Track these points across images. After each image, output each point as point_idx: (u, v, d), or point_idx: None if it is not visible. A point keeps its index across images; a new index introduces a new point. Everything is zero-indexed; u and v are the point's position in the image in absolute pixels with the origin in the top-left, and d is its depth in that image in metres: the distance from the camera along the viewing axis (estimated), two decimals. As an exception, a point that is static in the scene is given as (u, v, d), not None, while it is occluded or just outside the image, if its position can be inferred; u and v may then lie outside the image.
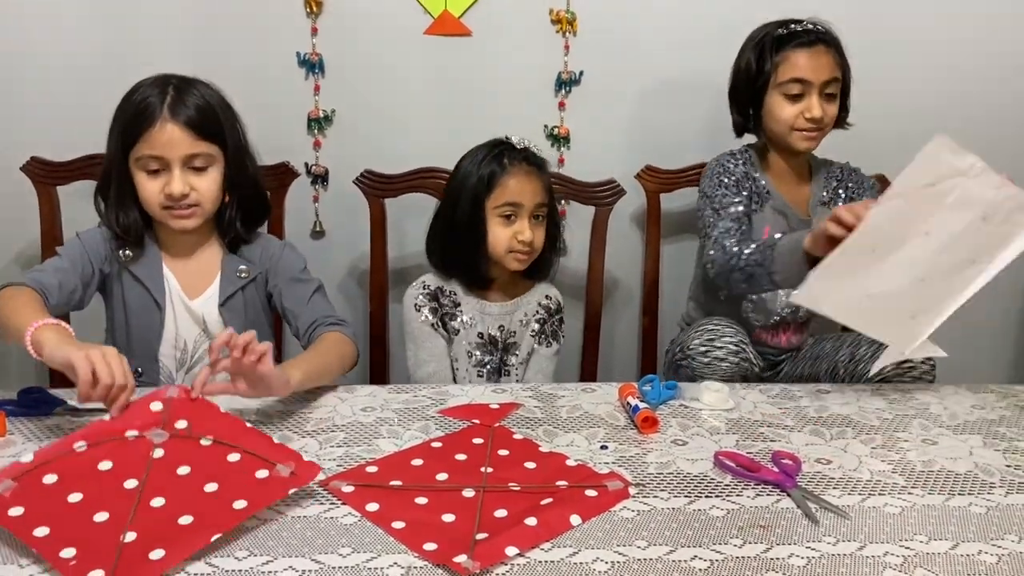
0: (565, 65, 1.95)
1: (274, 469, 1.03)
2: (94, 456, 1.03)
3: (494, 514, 0.99)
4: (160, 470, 1.02)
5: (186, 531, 0.94)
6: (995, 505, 1.07)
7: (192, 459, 1.04)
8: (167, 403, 1.09)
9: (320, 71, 1.91)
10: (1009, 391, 1.44)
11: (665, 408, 1.32)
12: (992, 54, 2.01)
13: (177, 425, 1.08)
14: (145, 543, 0.92)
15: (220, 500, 0.99)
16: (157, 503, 0.98)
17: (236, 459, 1.05)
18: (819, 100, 1.62)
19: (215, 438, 1.08)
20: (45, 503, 0.96)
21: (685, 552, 0.94)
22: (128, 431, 1.06)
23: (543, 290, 1.71)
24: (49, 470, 1.00)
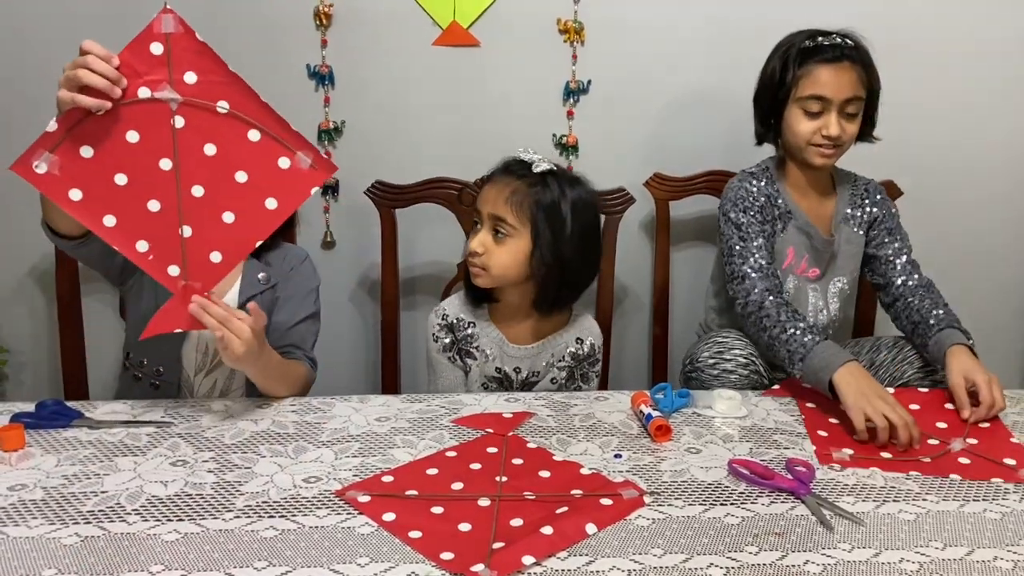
0: (573, 74, 1.96)
1: (295, 158, 1.13)
2: (118, 123, 1.09)
3: (510, 523, 1.00)
4: (188, 148, 1.11)
5: (233, 233, 1.16)
6: (1010, 511, 1.07)
7: (214, 134, 1.12)
8: (166, 42, 1.09)
9: (330, 83, 1.93)
10: (1021, 396, 1.44)
11: (678, 416, 1.33)
12: (995, 54, 2.02)
13: (187, 80, 1.10)
14: (202, 242, 1.14)
15: (253, 196, 1.16)
16: (198, 192, 1.12)
17: (257, 139, 1.13)
18: (838, 118, 1.57)
19: (230, 105, 1.12)
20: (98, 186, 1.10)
21: (701, 560, 0.94)
22: (139, 89, 1.10)
23: (576, 332, 1.56)
24: (82, 141, 1.08)
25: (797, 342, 1.43)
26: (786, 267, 1.68)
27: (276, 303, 1.52)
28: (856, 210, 1.72)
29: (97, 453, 1.16)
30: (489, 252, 1.45)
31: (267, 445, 1.20)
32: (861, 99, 1.59)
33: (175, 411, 1.30)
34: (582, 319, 1.60)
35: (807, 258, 1.69)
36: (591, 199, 1.51)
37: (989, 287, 2.15)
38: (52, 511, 1.01)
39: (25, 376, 2.04)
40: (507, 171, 1.48)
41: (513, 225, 1.44)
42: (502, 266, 1.45)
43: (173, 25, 1.10)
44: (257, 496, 1.05)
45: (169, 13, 1.10)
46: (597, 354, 1.59)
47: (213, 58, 1.13)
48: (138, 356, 1.51)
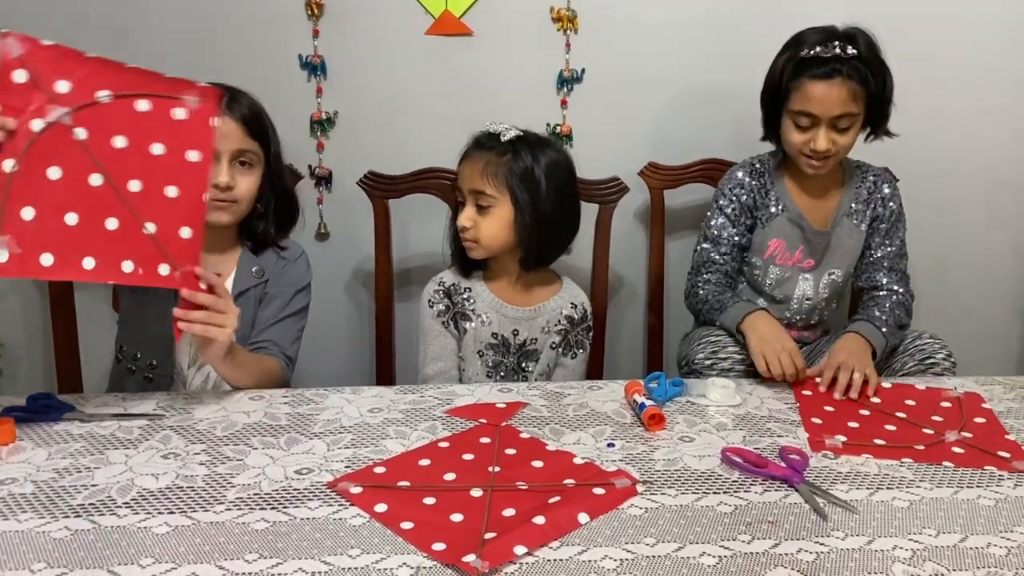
0: (567, 63, 1.95)
1: (184, 103, 1.12)
2: (35, 167, 1.07)
3: (502, 513, 1.00)
4: (103, 152, 1.09)
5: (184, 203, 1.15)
6: (1004, 497, 1.06)
7: (113, 125, 1.09)
8: (24, 64, 1.06)
9: (322, 73, 1.92)
10: (1016, 383, 1.43)
11: (672, 405, 1.32)
12: (993, 42, 2.01)
13: (59, 89, 1.07)
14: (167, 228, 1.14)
15: (176, 159, 1.14)
16: (136, 187, 1.10)
17: (148, 107, 1.11)
18: (828, 132, 1.57)
19: (110, 90, 1.10)
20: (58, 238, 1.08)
21: (694, 549, 0.94)
22: (31, 122, 1.07)
23: (568, 296, 1.65)
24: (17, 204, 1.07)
25: (720, 303, 1.63)
26: (767, 257, 1.72)
27: (265, 298, 1.51)
28: (861, 204, 1.72)
29: (88, 446, 1.15)
30: (476, 225, 1.54)
31: (259, 437, 1.19)
32: (853, 114, 1.57)
33: (167, 404, 1.29)
34: (572, 286, 1.69)
35: (801, 248, 1.72)
36: (561, 157, 1.59)
37: (984, 274, 2.15)
38: (42, 504, 1.00)
39: (19, 370, 2.04)
40: (479, 146, 1.56)
41: (493, 195, 1.52)
42: (490, 236, 1.54)
43: (18, 46, 1.05)
44: (248, 488, 1.05)
45: (9, 36, 1.05)
46: (589, 319, 1.67)
47: (69, 54, 1.09)
48: (131, 349, 1.50)
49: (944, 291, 2.14)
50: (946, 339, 1.64)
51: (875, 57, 1.58)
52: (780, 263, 1.72)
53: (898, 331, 1.61)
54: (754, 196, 1.71)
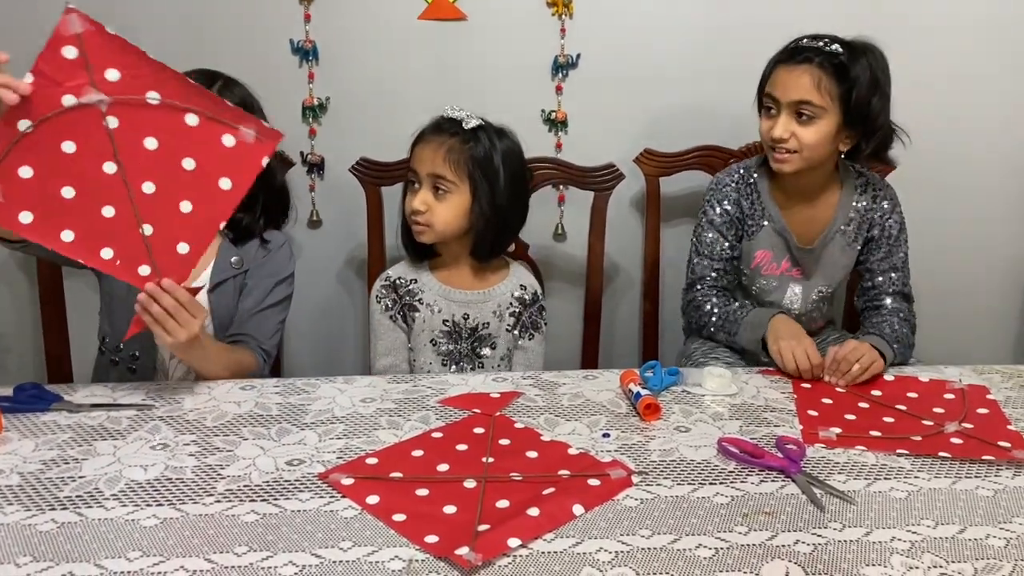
0: (562, 48, 1.93)
1: (239, 133, 1.09)
2: (50, 137, 1.05)
3: (496, 505, 0.98)
4: (128, 147, 1.07)
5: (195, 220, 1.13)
6: (1002, 488, 1.05)
7: (151, 127, 1.08)
8: (79, 44, 1.04)
9: (314, 58, 1.89)
10: (1014, 371, 1.43)
11: (667, 394, 1.31)
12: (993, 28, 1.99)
13: (108, 77, 1.06)
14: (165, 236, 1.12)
15: (205, 180, 1.12)
16: (149, 189, 1.09)
17: (196, 123, 1.09)
18: (787, 119, 1.54)
19: (160, 93, 1.08)
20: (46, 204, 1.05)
21: (690, 540, 0.93)
22: (63, 97, 1.06)
23: (517, 279, 1.64)
24: (18, 163, 1.04)
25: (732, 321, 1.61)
26: (754, 267, 1.70)
27: (245, 288, 1.50)
28: (856, 221, 1.66)
29: (76, 437, 1.14)
30: (432, 209, 1.52)
31: (249, 428, 1.18)
32: (815, 105, 1.52)
33: (156, 394, 1.28)
34: (520, 269, 1.69)
35: (788, 258, 1.69)
36: (517, 148, 1.60)
37: (980, 262, 2.14)
38: (28, 497, 0.99)
39: (9, 360, 2.02)
40: (439, 130, 1.54)
41: (453, 181, 1.51)
42: (444, 221, 1.53)
43: (80, 24, 1.05)
44: (239, 480, 1.04)
45: (73, 13, 1.04)
46: (541, 300, 1.67)
47: (131, 50, 1.09)
48: (114, 341, 1.49)
49: (940, 279, 2.13)
50: (943, 327, 1.63)
51: (865, 64, 1.53)
52: (767, 273, 1.70)
53: (907, 349, 1.57)
54: (741, 208, 1.68)
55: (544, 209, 2.00)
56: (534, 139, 1.94)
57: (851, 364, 1.38)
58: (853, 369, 1.38)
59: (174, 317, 1.22)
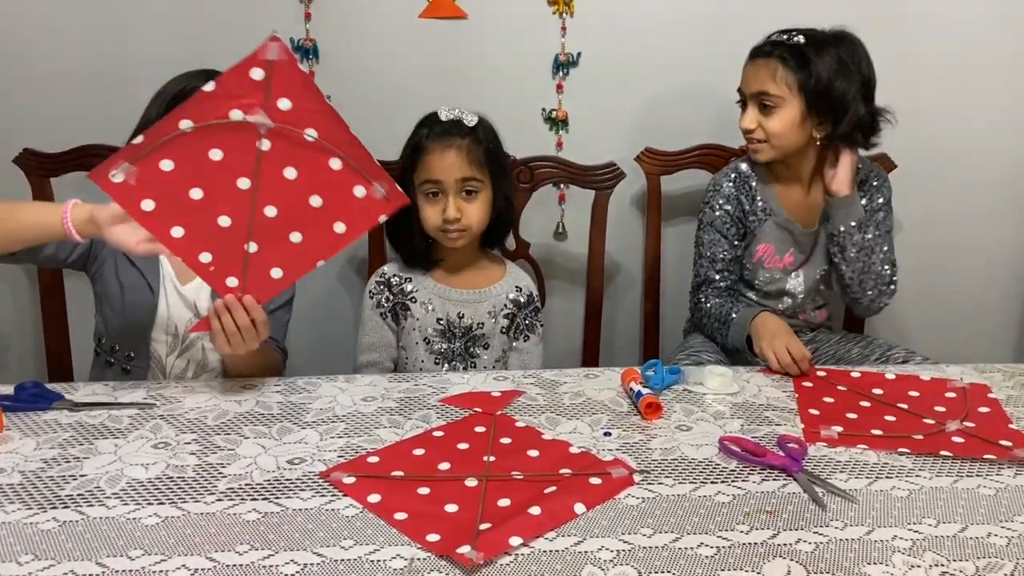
0: (563, 47, 1.93)
1: (371, 188, 1.14)
2: (203, 141, 1.09)
3: (497, 504, 0.98)
4: (269, 169, 1.12)
5: (298, 252, 1.17)
6: (1004, 487, 1.05)
7: (297, 159, 1.13)
8: (268, 69, 1.08)
9: (314, 57, 1.89)
10: (1016, 370, 1.42)
11: (669, 393, 1.31)
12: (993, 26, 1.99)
13: (280, 106, 1.10)
14: (266, 257, 1.17)
15: (324, 219, 1.17)
16: (270, 212, 1.13)
17: (338, 167, 1.13)
18: (752, 111, 1.63)
19: (319, 133, 1.12)
20: (171, 198, 1.09)
21: (691, 539, 0.93)
22: (232, 111, 1.09)
23: (513, 280, 1.65)
24: (163, 154, 1.08)
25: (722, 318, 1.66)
26: (756, 261, 1.73)
27: None
28: None
29: (77, 436, 1.14)
30: (465, 214, 1.53)
31: (251, 426, 1.18)
32: (773, 95, 1.60)
33: (157, 393, 1.28)
34: (517, 270, 1.69)
35: (791, 251, 1.73)
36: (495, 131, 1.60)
37: (981, 261, 2.14)
38: (30, 495, 0.99)
39: (9, 359, 2.02)
40: (448, 134, 1.53)
41: (480, 180, 1.54)
42: (479, 221, 1.55)
43: (277, 53, 1.09)
44: (240, 478, 1.04)
45: (276, 41, 1.09)
46: (536, 301, 1.67)
47: (311, 88, 1.13)
48: (109, 342, 1.49)
49: (942, 278, 2.13)
50: (943, 326, 1.64)
51: (829, 52, 1.57)
52: (769, 266, 1.73)
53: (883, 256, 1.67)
54: (742, 206, 1.72)
55: (545, 208, 2.00)
56: (535, 138, 1.95)
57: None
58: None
59: (242, 333, 1.23)
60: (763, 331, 1.53)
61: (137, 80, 1.49)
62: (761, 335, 1.52)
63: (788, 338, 1.47)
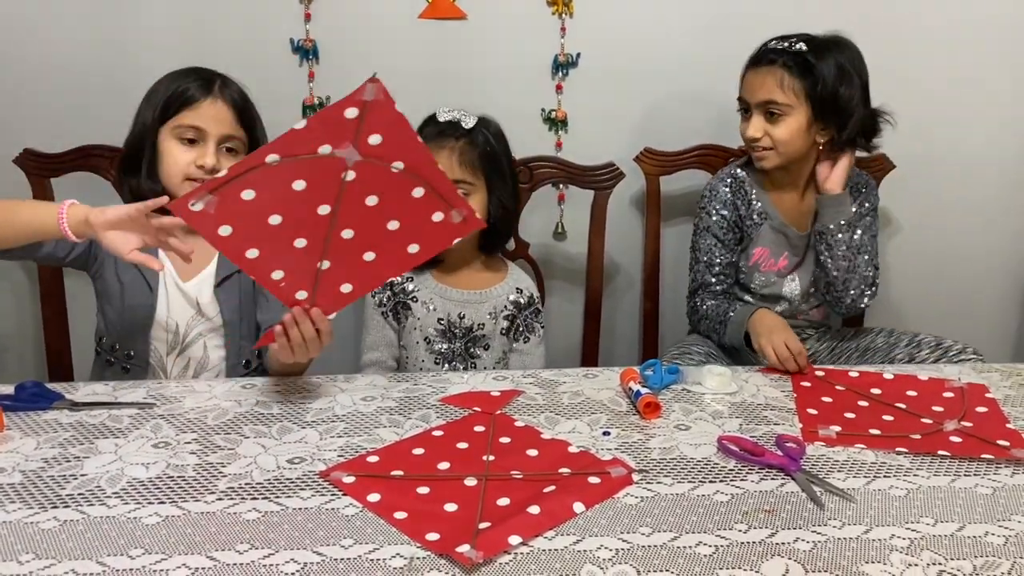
0: (562, 47, 1.93)
1: (449, 213, 1.16)
2: (288, 172, 1.08)
3: (497, 503, 0.99)
4: (351, 197, 1.11)
5: (369, 269, 1.18)
6: (1001, 486, 1.06)
7: (380, 187, 1.13)
8: (363, 108, 1.07)
9: (314, 57, 1.89)
10: (1013, 370, 1.43)
11: (667, 393, 1.31)
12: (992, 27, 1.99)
13: (371, 141, 1.09)
14: (337, 274, 1.17)
15: (399, 241, 1.17)
16: (347, 235, 1.15)
17: (420, 195, 1.13)
18: (757, 119, 1.63)
19: (405, 164, 1.12)
20: (249, 224, 1.09)
21: (690, 538, 0.93)
22: (321, 147, 1.08)
23: (515, 282, 1.65)
24: (245, 185, 1.07)
25: (719, 319, 1.67)
26: (752, 264, 1.75)
27: (259, 285, 1.50)
28: None
29: (77, 436, 1.14)
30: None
31: (251, 426, 1.18)
32: (780, 103, 1.60)
33: (158, 392, 1.28)
34: (518, 272, 1.70)
35: (786, 255, 1.74)
36: (502, 132, 1.62)
37: (979, 261, 2.14)
38: (30, 495, 0.99)
39: (10, 359, 2.03)
40: (443, 136, 1.54)
41: (472, 183, 1.54)
42: None
43: (373, 94, 1.08)
44: (240, 478, 1.04)
45: (375, 83, 1.08)
46: (537, 303, 1.68)
47: (403, 125, 1.11)
48: (109, 341, 1.50)
49: (940, 278, 2.14)
50: (940, 326, 1.64)
51: (831, 59, 1.58)
52: (765, 270, 1.75)
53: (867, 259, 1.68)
54: (738, 211, 1.73)
55: (544, 208, 2.00)
56: (534, 138, 1.95)
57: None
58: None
59: (307, 343, 1.23)
60: (761, 327, 1.54)
61: (137, 80, 1.49)
62: (759, 331, 1.53)
63: (786, 334, 1.48)
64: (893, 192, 1.95)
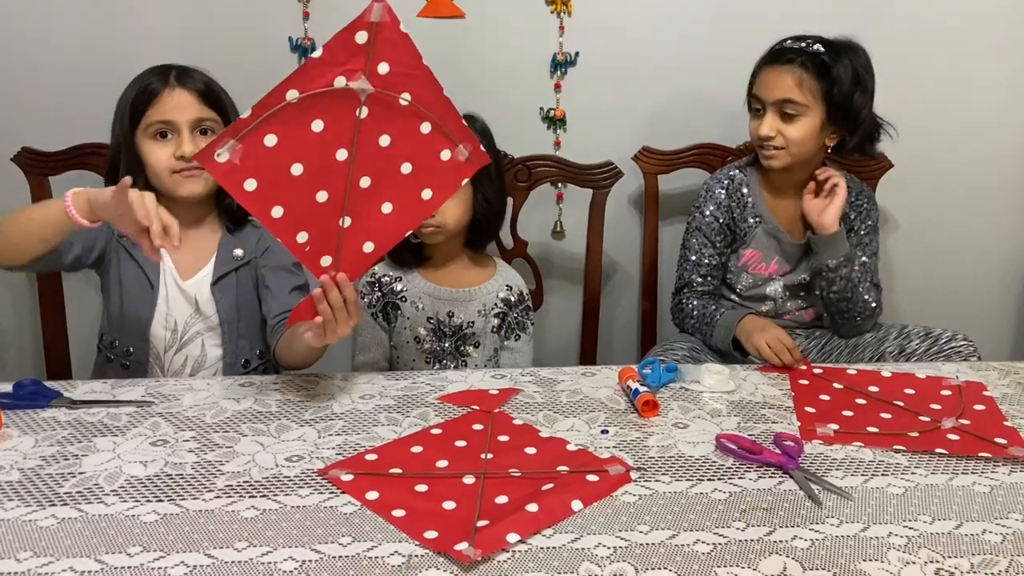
0: (560, 46, 1.93)
1: (455, 150, 1.15)
2: (306, 112, 1.07)
3: (495, 501, 0.99)
4: (366, 138, 1.11)
5: (388, 223, 1.17)
6: (999, 484, 1.06)
7: (391, 125, 1.12)
8: (371, 31, 1.06)
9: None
10: (1011, 368, 1.43)
11: (666, 391, 1.32)
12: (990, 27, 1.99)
13: (380, 70, 1.08)
14: (359, 231, 1.16)
15: (412, 187, 1.17)
16: (365, 183, 1.14)
17: (427, 131, 1.14)
18: (772, 118, 1.61)
19: (412, 96, 1.11)
20: (273, 176, 1.08)
21: (688, 536, 0.93)
22: (336, 78, 1.06)
23: (504, 280, 1.65)
24: (267, 129, 1.06)
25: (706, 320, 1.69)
26: (741, 265, 1.74)
27: (261, 280, 1.50)
28: None
29: (76, 434, 1.14)
30: (441, 211, 1.49)
31: (249, 424, 1.18)
32: (798, 103, 1.59)
33: (156, 390, 1.28)
34: (507, 270, 1.69)
35: (776, 260, 1.74)
36: (487, 128, 1.61)
37: (977, 260, 2.14)
38: (29, 493, 0.99)
39: (8, 357, 2.02)
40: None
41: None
42: (456, 219, 1.54)
43: (380, 15, 1.06)
44: (238, 476, 1.04)
45: (381, 3, 1.06)
46: (527, 300, 1.67)
47: (409, 48, 1.10)
48: (109, 337, 1.50)
49: (938, 277, 2.14)
50: (940, 324, 1.64)
51: (847, 63, 1.58)
52: (753, 272, 1.74)
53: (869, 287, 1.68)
54: (732, 214, 1.73)
55: (543, 207, 2.00)
56: (533, 137, 1.95)
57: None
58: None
59: (337, 318, 1.18)
60: (752, 328, 1.56)
61: (136, 79, 1.49)
62: (750, 331, 1.55)
63: (776, 330, 1.51)
64: (891, 191, 1.95)
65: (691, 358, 1.63)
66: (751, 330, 1.55)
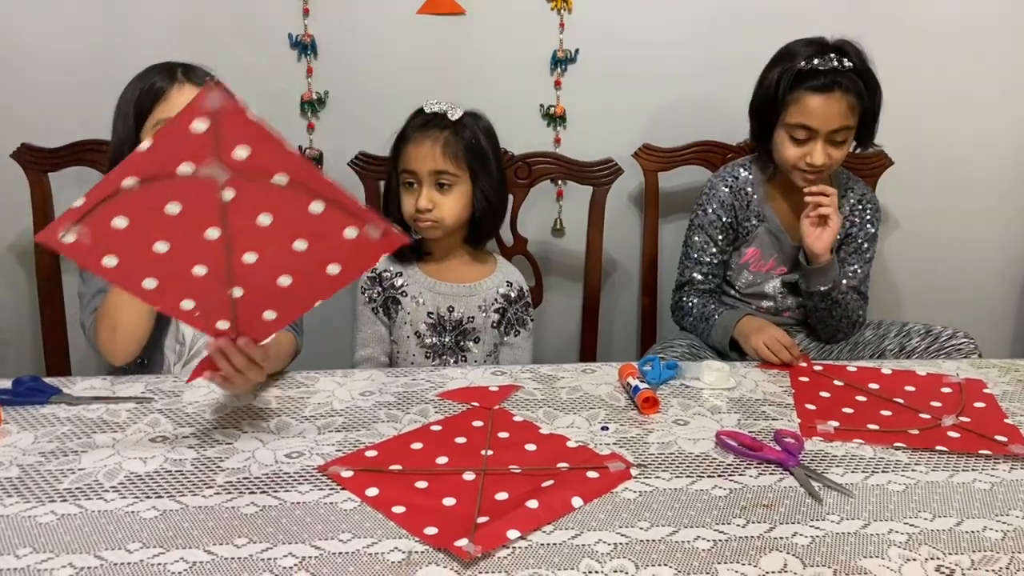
0: (561, 43, 1.93)
1: (363, 229, 1.01)
2: (155, 196, 0.97)
3: (495, 497, 0.99)
4: (239, 217, 0.99)
5: (289, 294, 1.05)
6: (999, 481, 1.06)
7: (270, 205, 0.99)
8: (213, 119, 0.94)
9: (312, 53, 1.89)
10: (1011, 365, 1.43)
11: (666, 388, 1.31)
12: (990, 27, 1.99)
13: (236, 155, 0.96)
14: (255, 301, 1.06)
15: (313, 262, 1.04)
16: (250, 259, 1.02)
17: (320, 210, 1.00)
18: (824, 147, 1.57)
19: (290, 177, 0.98)
20: (135, 252, 0.99)
21: (688, 532, 0.93)
22: (180, 167, 0.96)
23: (504, 275, 1.65)
24: (113, 212, 0.97)
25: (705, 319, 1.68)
26: (742, 263, 1.74)
27: None
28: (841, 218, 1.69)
29: (75, 430, 1.14)
30: (438, 205, 1.53)
31: (249, 420, 1.18)
32: (849, 127, 1.58)
33: (155, 387, 1.28)
34: (507, 266, 1.69)
35: (775, 257, 1.74)
36: (491, 125, 1.61)
37: (977, 258, 2.14)
38: (28, 489, 0.99)
39: (7, 353, 2.02)
40: (428, 126, 1.54)
41: (455, 174, 1.53)
42: (454, 214, 1.55)
43: (219, 101, 0.95)
44: (238, 472, 1.04)
45: (215, 90, 0.95)
46: (527, 296, 1.67)
47: (269, 135, 0.98)
48: None
49: (938, 275, 2.14)
50: (940, 322, 1.64)
51: (867, 70, 1.58)
52: (753, 269, 1.75)
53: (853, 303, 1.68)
54: (735, 213, 1.72)
55: (543, 204, 2.00)
56: (533, 134, 1.95)
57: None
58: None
59: (244, 373, 1.15)
60: (749, 329, 1.55)
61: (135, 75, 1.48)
62: (748, 333, 1.54)
63: (774, 330, 1.51)
64: (891, 188, 1.95)
65: (691, 355, 1.63)
66: (748, 332, 1.54)
